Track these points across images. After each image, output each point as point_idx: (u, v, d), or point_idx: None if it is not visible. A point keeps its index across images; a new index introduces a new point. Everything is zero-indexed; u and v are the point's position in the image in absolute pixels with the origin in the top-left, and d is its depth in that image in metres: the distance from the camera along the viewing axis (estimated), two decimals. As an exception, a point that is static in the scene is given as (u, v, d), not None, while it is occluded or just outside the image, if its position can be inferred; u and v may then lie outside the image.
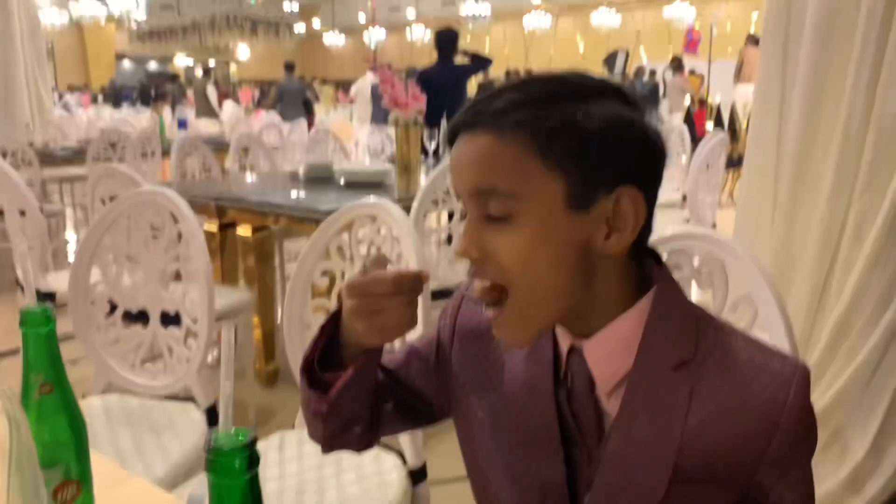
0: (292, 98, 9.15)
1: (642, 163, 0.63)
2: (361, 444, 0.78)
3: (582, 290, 0.63)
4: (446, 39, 4.71)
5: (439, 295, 2.49)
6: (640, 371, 0.63)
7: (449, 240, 2.61)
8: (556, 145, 0.59)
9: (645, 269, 0.66)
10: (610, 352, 0.64)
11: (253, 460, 0.44)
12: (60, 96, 13.17)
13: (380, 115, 5.06)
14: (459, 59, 4.81)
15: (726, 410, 0.61)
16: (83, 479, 0.72)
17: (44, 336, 0.70)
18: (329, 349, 0.71)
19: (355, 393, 0.71)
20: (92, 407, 1.48)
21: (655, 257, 0.67)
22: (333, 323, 0.70)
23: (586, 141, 0.60)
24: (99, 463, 0.86)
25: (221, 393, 0.48)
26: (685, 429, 0.61)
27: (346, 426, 0.73)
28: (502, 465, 0.71)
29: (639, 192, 0.61)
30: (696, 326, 0.64)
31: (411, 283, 0.65)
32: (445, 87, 3.76)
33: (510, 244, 0.61)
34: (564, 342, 0.67)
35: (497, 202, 0.61)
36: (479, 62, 4.94)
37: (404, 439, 1.29)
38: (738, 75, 9.72)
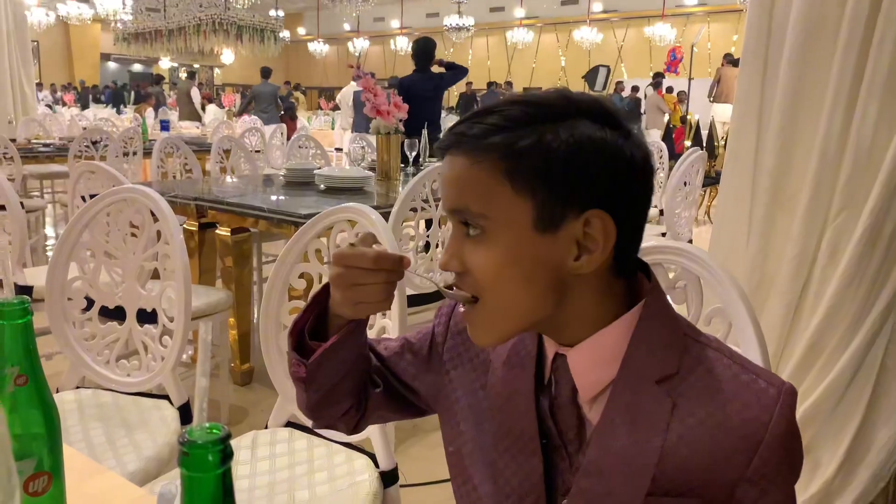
0: (264, 102, 9.21)
1: (614, 185, 0.62)
2: (349, 423, 0.81)
3: (555, 305, 0.64)
4: (423, 49, 4.72)
5: (416, 301, 2.51)
6: (623, 382, 0.64)
7: (426, 247, 2.63)
8: (523, 168, 0.61)
9: (634, 283, 0.68)
10: (593, 361, 0.65)
11: (226, 455, 0.44)
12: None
13: (362, 123, 5.07)
14: (435, 69, 4.83)
15: (708, 427, 0.62)
16: (55, 471, 0.72)
17: (20, 328, 0.69)
18: (323, 322, 0.75)
19: (335, 364, 0.74)
20: (65, 401, 1.47)
21: (646, 272, 0.68)
22: (326, 294, 0.73)
23: (552, 164, 0.61)
24: (71, 456, 0.86)
25: (197, 388, 0.48)
26: (665, 442, 0.62)
27: (329, 398, 0.77)
28: (483, 462, 0.73)
29: (608, 215, 0.62)
30: (682, 342, 0.65)
31: (391, 265, 0.68)
32: (423, 96, 3.78)
33: (482, 260, 0.64)
34: (551, 348, 0.69)
35: (471, 221, 0.64)
36: (456, 72, 4.97)
37: (376, 442, 1.29)
38: (713, 93, 9.91)
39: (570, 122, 0.61)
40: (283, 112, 9.61)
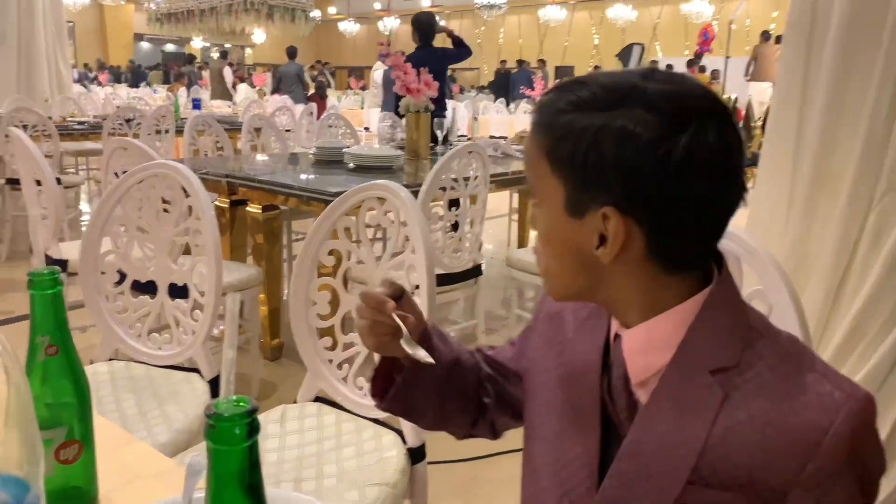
0: (289, 82, 9.29)
1: (637, 182, 0.59)
2: (486, 431, 0.88)
3: (590, 285, 0.66)
4: (425, 24, 4.61)
5: (445, 280, 2.50)
6: (674, 369, 0.64)
7: (454, 227, 2.61)
8: (560, 153, 0.62)
9: (707, 274, 0.65)
10: (645, 346, 0.65)
11: (253, 428, 0.43)
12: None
13: (391, 102, 5.02)
14: (439, 43, 4.73)
15: (758, 423, 0.60)
16: (85, 439, 0.73)
17: (50, 298, 0.70)
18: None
19: (421, 396, 0.80)
20: (98, 373, 1.49)
21: (718, 262, 0.66)
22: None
23: (578, 152, 0.61)
24: (103, 426, 0.86)
25: (224, 360, 0.47)
26: (711, 433, 0.61)
27: (442, 421, 0.85)
28: (548, 437, 0.74)
29: (620, 215, 0.60)
30: (747, 336, 0.63)
31: (373, 303, 0.74)
32: (429, 72, 3.73)
33: (538, 227, 0.69)
34: (614, 328, 0.70)
35: (530, 190, 0.69)
36: (462, 51, 4.85)
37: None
38: (749, 72, 9.67)
39: (622, 111, 0.59)
40: (312, 91, 9.64)
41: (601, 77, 0.63)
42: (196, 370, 1.51)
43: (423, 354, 0.72)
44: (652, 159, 0.58)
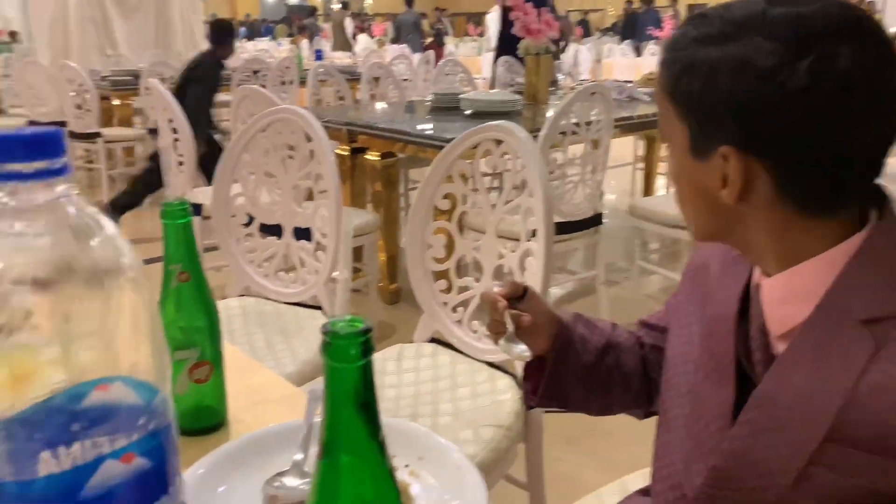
0: (406, 31, 9.35)
1: (754, 116, 0.55)
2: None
3: (724, 227, 0.63)
4: None
5: (564, 229, 2.44)
6: (819, 318, 0.59)
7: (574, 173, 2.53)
8: (679, 91, 0.60)
9: (864, 217, 0.60)
10: (787, 295, 0.61)
11: (367, 348, 0.43)
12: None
13: (510, 45, 4.91)
14: None
15: None
16: (216, 361, 0.78)
17: (181, 227, 0.74)
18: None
19: (573, 387, 0.81)
20: (230, 307, 1.58)
21: (881, 205, 0.60)
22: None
23: (696, 88, 0.58)
24: (234, 354, 0.92)
25: (339, 280, 0.47)
26: (856, 387, 0.55)
27: (610, 404, 0.84)
28: (684, 390, 0.72)
29: (737, 153, 0.57)
30: None
31: (487, 302, 0.77)
32: None
33: (670, 170, 0.67)
34: (756, 277, 0.67)
35: None
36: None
37: (520, 364, 1.28)
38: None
39: (741, 41, 0.55)
40: (430, 40, 9.66)
41: (727, 7, 0.59)
42: (320, 307, 1.57)
43: (518, 351, 0.74)
44: (768, 90, 0.54)
